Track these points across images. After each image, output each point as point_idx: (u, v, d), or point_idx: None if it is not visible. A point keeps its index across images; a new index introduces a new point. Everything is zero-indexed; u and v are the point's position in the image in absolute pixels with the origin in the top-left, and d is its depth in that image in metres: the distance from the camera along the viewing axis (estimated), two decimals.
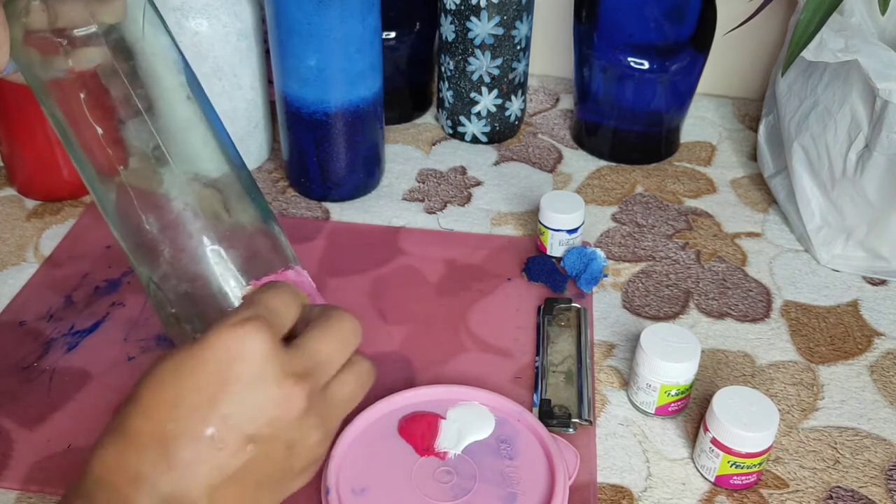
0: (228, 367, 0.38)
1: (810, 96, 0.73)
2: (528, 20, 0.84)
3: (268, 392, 0.39)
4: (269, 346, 0.39)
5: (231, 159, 0.51)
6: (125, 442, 0.38)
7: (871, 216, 0.70)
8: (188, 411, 0.38)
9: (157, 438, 0.38)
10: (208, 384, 0.38)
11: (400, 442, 0.55)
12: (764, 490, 0.56)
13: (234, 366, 0.38)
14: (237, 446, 0.38)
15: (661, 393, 0.58)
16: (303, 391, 0.39)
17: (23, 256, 0.73)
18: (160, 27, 0.49)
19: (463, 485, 0.53)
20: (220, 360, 0.38)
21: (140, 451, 0.38)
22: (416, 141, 0.91)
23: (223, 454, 0.38)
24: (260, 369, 0.38)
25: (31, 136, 0.76)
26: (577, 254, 0.71)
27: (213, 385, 0.38)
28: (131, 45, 0.47)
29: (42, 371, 0.62)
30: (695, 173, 0.87)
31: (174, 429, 0.38)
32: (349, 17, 0.70)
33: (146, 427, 0.38)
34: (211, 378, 0.38)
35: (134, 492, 0.37)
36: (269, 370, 0.39)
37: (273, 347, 0.39)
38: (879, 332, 0.68)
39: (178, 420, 0.38)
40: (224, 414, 0.38)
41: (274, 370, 0.39)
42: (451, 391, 0.58)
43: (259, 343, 0.38)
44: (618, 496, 0.55)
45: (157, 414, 0.38)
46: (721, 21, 0.82)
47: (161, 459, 0.38)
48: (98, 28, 0.46)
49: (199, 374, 0.38)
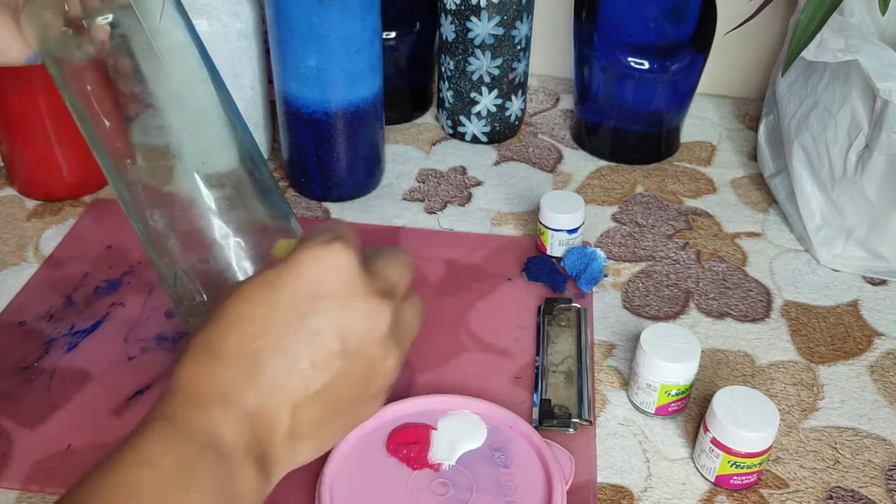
0: (319, 283, 0.39)
1: (810, 96, 0.73)
2: (528, 20, 0.84)
3: (358, 307, 0.39)
4: (356, 263, 0.40)
5: (248, 153, 0.51)
6: (213, 359, 0.38)
7: (871, 216, 0.70)
8: (280, 326, 0.38)
9: (246, 355, 0.38)
10: (300, 299, 0.39)
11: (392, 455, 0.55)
12: (764, 490, 0.56)
13: (325, 280, 0.39)
14: (325, 361, 0.39)
15: (661, 393, 0.58)
16: (388, 308, 0.41)
17: (23, 256, 0.73)
18: (180, 19, 0.49)
19: (459, 496, 0.52)
20: (313, 274, 0.39)
21: (229, 368, 0.38)
22: (416, 141, 0.91)
23: (311, 370, 0.39)
24: (350, 285, 0.39)
25: (31, 136, 0.76)
26: (577, 254, 0.71)
27: (306, 300, 0.39)
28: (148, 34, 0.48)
29: (42, 371, 0.62)
30: (695, 173, 0.87)
31: (263, 344, 0.38)
32: (349, 17, 0.70)
33: (235, 344, 0.38)
34: (304, 292, 0.39)
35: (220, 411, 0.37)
36: (359, 286, 0.40)
37: (360, 265, 0.40)
38: (879, 332, 0.68)
39: (269, 336, 0.38)
40: (315, 328, 0.39)
41: (363, 286, 0.40)
42: (440, 401, 0.58)
43: (348, 260, 0.39)
44: (618, 496, 0.55)
45: (247, 329, 0.38)
46: (721, 21, 0.82)
47: (249, 375, 0.38)
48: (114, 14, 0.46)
49: (292, 288, 0.39)
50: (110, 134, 0.49)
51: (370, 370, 0.41)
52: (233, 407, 0.37)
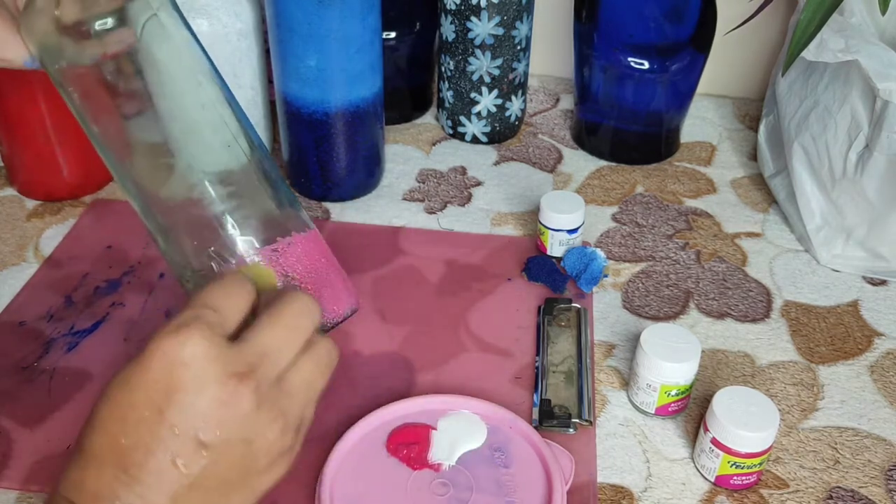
0: (170, 375, 0.38)
1: (810, 96, 0.73)
2: (528, 20, 0.84)
3: (211, 394, 0.38)
4: (206, 347, 0.38)
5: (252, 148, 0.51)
6: (84, 461, 0.39)
7: (871, 216, 0.70)
8: (138, 424, 0.38)
9: (114, 454, 0.38)
10: (154, 394, 0.38)
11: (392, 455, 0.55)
12: (764, 490, 0.56)
13: (174, 373, 0.38)
14: (191, 453, 0.38)
15: (661, 393, 0.58)
16: (247, 388, 0.39)
17: (23, 256, 0.73)
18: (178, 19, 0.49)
19: (459, 496, 0.52)
20: (161, 368, 0.38)
21: (99, 469, 0.38)
22: (416, 141, 0.91)
23: (181, 460, 0.38)
24: (201, 372, 0.38)
25: (31, 136, 0.76)
26: (577, 254, 0.71)
27: (159, 394, 0.38)
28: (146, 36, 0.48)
29: (42, 371, 0.62)
30: (695, 173, 0.87)
31: (128, 443, 0.38)
32: (349, 17, 0.70)
33: (103, 444, 0.38)
34: (155, 387, 0.38)
35: None
36: (211, 372, 0.38)
37: (212, 348, 0.38)
38: (879, 332, 0.68)
39: (129, 434, 0.38)
40: (172, 423, 0.38)
41: (215, 371, 0.38)
42: (440, 401, 0.58)
43: (196, 346, 0.38)
44: (618, 496, 0.55)
45: (110, 429, 0.38)
46: (721, 21, 0.82)
47: (121, 474, 0.38)
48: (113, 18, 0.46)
49: (144, 385, 0.38)
50: (112, 134, 0.49)
51: (248, 448, 0.40)
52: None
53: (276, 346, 0.41)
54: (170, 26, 0.49)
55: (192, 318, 0.39)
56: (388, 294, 0.70)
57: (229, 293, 0.42)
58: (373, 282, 0.71)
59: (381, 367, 0.63)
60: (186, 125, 0.50)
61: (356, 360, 0.64)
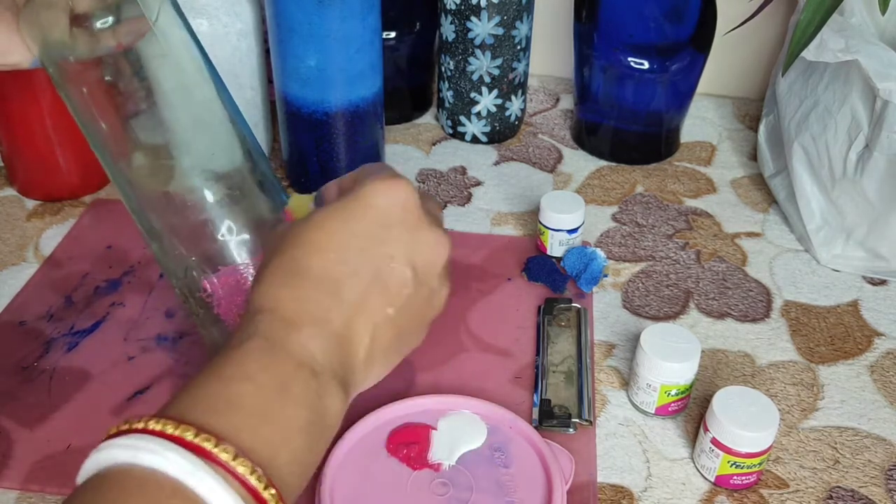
0: (389, 213, 0.41)
1: (810, 96, 0.73)
2: (528, 20, 0.84)
3: (425, 237, 0.42)
4: (417, 197, 0.42)
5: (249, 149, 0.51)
6: (300, 281, 0.39)
7: (871, 216, 0.70)
8: (358, 252, 0.40)
9: (330, 278, 0.39)
10: (374, 227, 0.40)
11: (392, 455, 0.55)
12: (764, 490, 0.56)
13: (394, 211, 0.41)
14: (399, 287, 0.41)
15: (661, 393, 0.58)
16: (448, 240, 0.43)
17: (23, 256, 0.73)
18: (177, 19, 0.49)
19: (459, 496, 0.52)
20: (384, 205, 0.41)
21: (317, 290, 0.39)
22: (416, 141, 0.91)
23: (388, 293, 0.40)
24: (416, 216, 0.41)
25: (31, 136, 0.76)
26: (577, 254, 0.71)
27: (379, 228, 0.40)
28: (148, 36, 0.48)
29: (42, 371, 0.62)
30: (695, 173, 0.87)
31: (346, 270, 0.40)
32: (349, 17, 0.70)
33: (319, 266, 0.40)
34: (376, 222, 0.40)
35: (312, 328, 0.38)
36: (423, 218, 0.42)
37: (419, 199, 0.42)
38: (879, 332, 0.68)
39: (349, 261, 0.40)
40: (390, 254, 0.40)
41: (427, 218, 0.42)
42: (440, 401, 0.58)
43: (411, 193, 0.41)
44: (618, 496, 0.55)
45: (328, 255, 0.40)
46: (721, 21, 0.82)
47: (335, 298, 0.39)
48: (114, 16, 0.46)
49: (365, 218, 0.40)
50: (110, 133, 0.49)
51: (429, 299, 0.43)
52: (323, 328, 0.39)
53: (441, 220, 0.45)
54: (169, 27, 0.49)
55: (396, 175, 0.42)
56: None
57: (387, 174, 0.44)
58: None
59: None
60: (184, 125, 0.50)
61: None
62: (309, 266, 0.39)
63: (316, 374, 0.37)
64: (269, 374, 0.36)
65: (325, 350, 0.38)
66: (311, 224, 0.41)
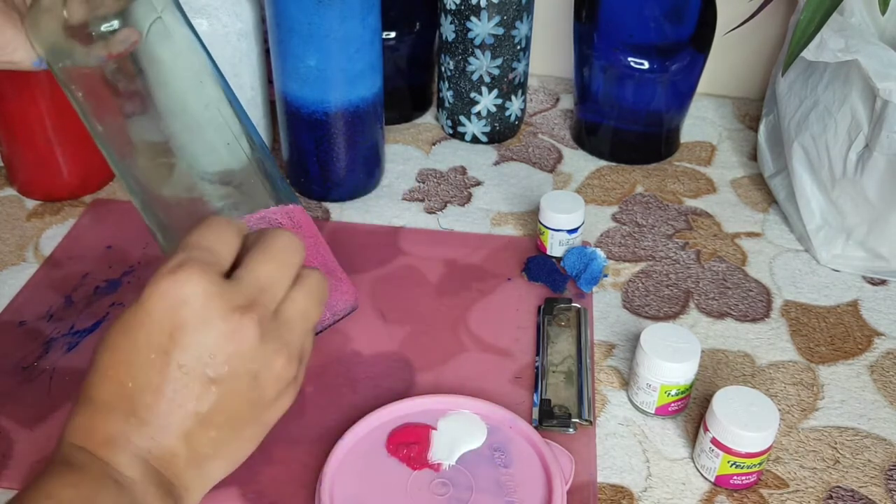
0: (172, 315, 0.38)
1: (810, 96, 0.73)
2: (528, 20, 0.84)
3: (216, 330, 0.39)
4: (206, 284, 0.39)
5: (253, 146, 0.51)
6: (92, 408, 0.39)
7: (871, 216, 0.70)
8: (144, 367, 0.38)
9: (122, 399, 0.38)
10: (158, 336, 0.38)
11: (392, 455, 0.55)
12: (764, 490, 0.56)
13: (176, 312, 0.38)
14: (200, 390, 0.39)
15: (661, 393, 0.58)
16: (251, 320, 0.39)
17: (23, 256, 0.73)
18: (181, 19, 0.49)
19: (459, 496, 0.52)
20: (162, 309, 0.38)
21: (109, 414, 0.38)
22: (416, 141, 0.91)
23: (188, 401, 0.39)
24: (203, 309, 0.38)
25: (31, 136, 0.76)
26: (577, 254, 0.71)
27: (163, 336, 0.38)
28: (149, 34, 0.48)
29: (42, 371, 0.62)
30: (695, 173, 0.87)
31: (135, 386, 0.38)
32: (349, 17, 0.70)
33: (109, 390, 0.39)
34: (158, 329, 0.38)
35: (111, 452, 0.38)
36: (213, 308, 0.38)
37: (212, 285, 0.39)
38: (879, 332, 0.68)
39: (136, 378, 0.38)
40: (179, 363, 0.38)
41: (218, 307, 0.39)
42: (440, 401, 0.58)
43: (196, 284, 0.38)
44: (618, 496, 0.55)
45: (116, 375, 0.39)
46: (721, 21, 0.82)
47: (131, 417, 0.38)
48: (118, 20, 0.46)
49: (146, 328, 0.38)
50: (115, 132, 0.49)
51: (255, 381, 0.40)
52: (123, 449, 0.38)
53: (270, 279, 0.41)
54: (173, 27, 0.49)
55: (187, 259, 0.39)
56: (388, 294, 0.70)
57: (219, 233, 0.42)
58: (373, 282, 0.71)
59: (381, 367, 0.63)
60: (188, 125, 0.50)
61: (356, 360, 0.64)
62: (100, 392, 0.39)
63: (124, 487, 0.37)
64: (71, 491, 0.36)
65: (131, 466, 0.38)
66: (102, 343, 0.40)
